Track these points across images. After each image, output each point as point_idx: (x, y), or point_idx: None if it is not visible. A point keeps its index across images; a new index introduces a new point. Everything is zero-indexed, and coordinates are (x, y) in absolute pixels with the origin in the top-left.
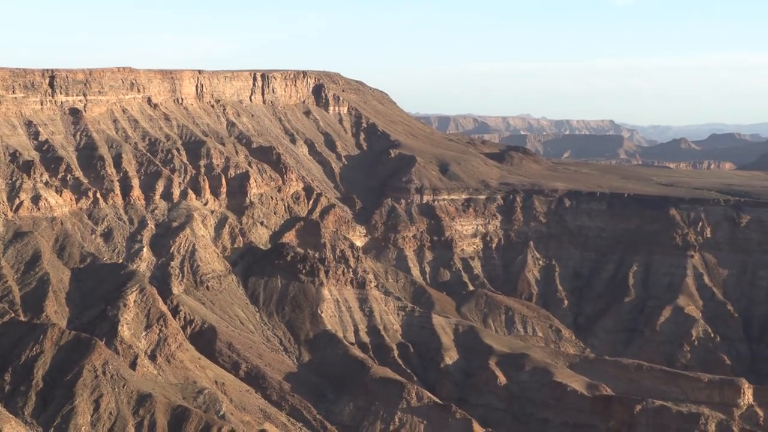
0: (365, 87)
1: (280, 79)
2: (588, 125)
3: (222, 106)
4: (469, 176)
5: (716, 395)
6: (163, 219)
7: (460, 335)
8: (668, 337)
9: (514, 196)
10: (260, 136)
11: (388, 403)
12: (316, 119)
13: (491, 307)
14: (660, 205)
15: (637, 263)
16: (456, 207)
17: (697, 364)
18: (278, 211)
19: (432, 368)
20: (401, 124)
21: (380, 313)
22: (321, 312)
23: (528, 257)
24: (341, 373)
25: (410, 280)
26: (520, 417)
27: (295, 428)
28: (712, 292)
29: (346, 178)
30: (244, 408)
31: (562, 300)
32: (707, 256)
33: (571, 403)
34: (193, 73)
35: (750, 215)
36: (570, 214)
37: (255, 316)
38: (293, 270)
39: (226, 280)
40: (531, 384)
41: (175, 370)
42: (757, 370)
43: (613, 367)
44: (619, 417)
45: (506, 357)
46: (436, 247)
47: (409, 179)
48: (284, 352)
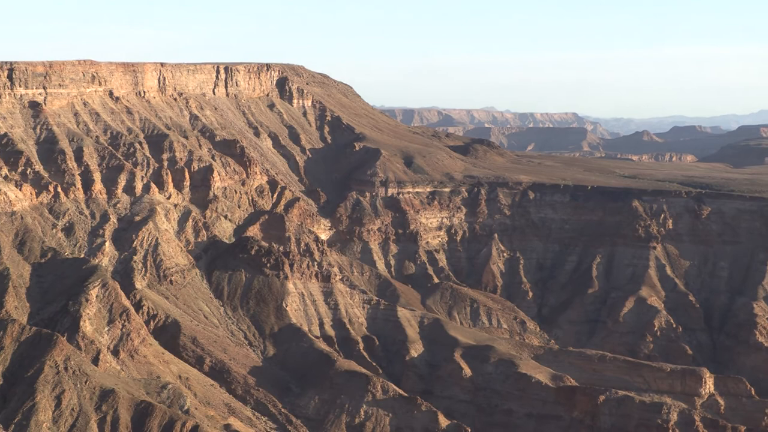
0: (329, 80)
1: (244, 71)
2: (552, 118)
3: (185, 99)
4: (433, 169)
5: (678, 385)
6: (126, 213)
7: (425, 328)
8: (631, 327)
9: (479, 189)
10: (224, 129)
11: (353, 396)
12: (280, 112)
13: (456, 300)
14: (623, 197)
15: (601, 255)
16: (421, 200)
17: (660, 355)
18: (242, 204)
19: (397, 361)
20: (366, 117)
21: (345, 306)
22: (286, 306)
23: (492, 249)
24: (306, 367)
25: (375, 273)
26: (485, 408)
27: (260, 422)
28: (674, 283)
29: (311, 171)
30: (208, 403)
31: (527, 292)
32: (669, 248)
33: (536, 394)
34: (155, 65)
35: (711, 207)
36: (534, 206)
37: (219, 310)
38: (258, 264)
39: (189, 274)
40: (496, 376)
41: (138, 365)
42: (718, 359)
43: (576, 358)
44: (583, 407)
45: (471, 349)
46: (401, 240)
47: (373, 172)
48: (249, 346)
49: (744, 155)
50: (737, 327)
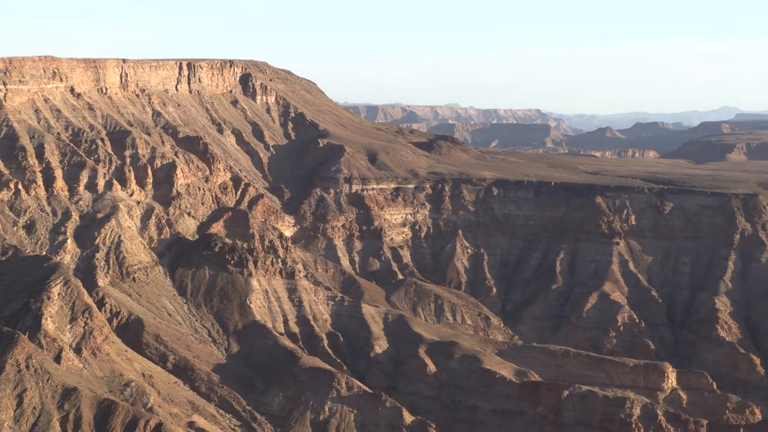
0: (293, 76)
1: (207, 68)
2: (515, 114)
3: (147, 95)
4: (397, 165)
5: (641, 380)
6: (88, 210)
7: (390, 324)
8: (594, 323)
9: (443, 185)
10: (187, 125)
11: (317, 393)
12: (243, 109)
13: (420, 296)
14: (586, 193)
15: (564, 251)
16: (385, 196)
17: (623, 350)
18: (206, 201)
19: (362, 357)
20: (329, 114)
21: (309, 303)
22: (250, 303)
23: (457, 246)
24: (270, 364)
25: (339, 270)
26: (450, 404)
27: (224, 419)
28: (637, 279)
29: (275, 168)
30: (172, 400)
31: (491, 288)
32: (632, 243)
33: (500, 390)
34: (117, 62)
35: (673, 202)
36: (498, 202)
37: (183, 308)
38: (221, 261)
39: (152, 272)
40: (460, 371)
41: (101, 363)
42: (681, 354)
43: (540, 354)
44: (547, 403)
45: (435, 345)
46: (365, 236)
47: (337, 169)
48: (213, 343)
49: (706, 151)
50: (699, 322)
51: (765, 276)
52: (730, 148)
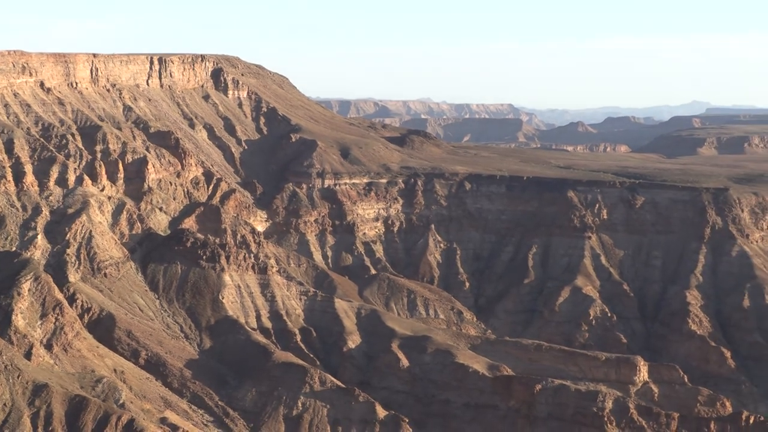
0: (265, 71)
1: (178, 62)
2: (487, 109)
3: (118, 90)
4: (370, 160)
5: (613, 373)
6: (58, 206)
7: (363, 319)
8: (567, 317)
9: (415, 180)
10: (158, 120)
11: (290, 388)
12: (215, 103)
13: (393, 291)
14: (558, 188)
15: (536, 245)
16: (357, 191)
17: (595, 343)
18: (177, 196)
19: (335, 352)
20: (302, 109)
21: (282, 298)
22: (222, 298)
23: (429, 240)
24: (243, 359)
25: (312, 265)
26: (423, 399)
27: (196, 415)
28: (609, 273)
29: (247, 162)
30: (144, 396)
31: (463, 282)
32: (604, 237)
33: (473, 384)
34: (87, 56)
35: (644, 197)
36: (470, 197)
37: (155, 303)
38: (193, 256)
39: (124, 267)
40: (433, 366)
41: (72, 359)
42: (652, 347)
43: (513, 348)
44: (520, 396)
45: (408, 340)
46: (337, 231)
47: (310, 163)
48: (185, 338)
49: (676, 146)
50: (670, 315)
51: (735, 269)
52: (701, 142)
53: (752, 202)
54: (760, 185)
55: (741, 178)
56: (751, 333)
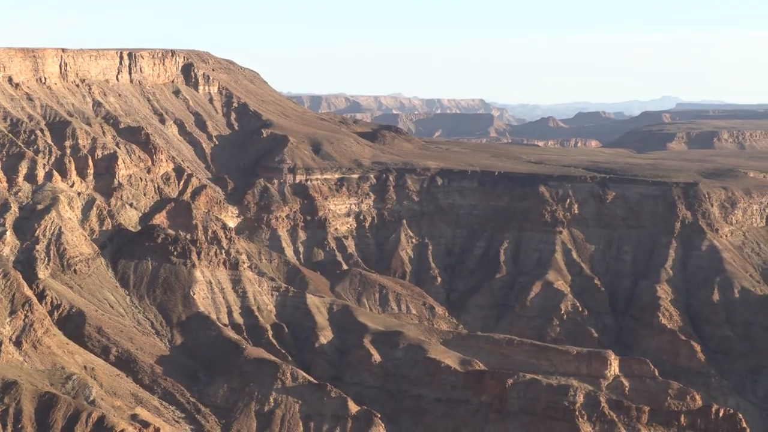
0: (236, 66)
1: (148, 57)
2: (459, 104)
3: (87, 85)
4: (341, 156)
5: (584, 367)
6: (27, 202)
7: (335, 314)
8: (538, 311)
9: (387, 175)
10: (128, 116)
11: (262, 384)
12: (185, 99)
13: (365, 286)
14: (529, 183)
15: (508, 240)
16: (329, 186)
17: (566, 338)
18: (148, 192)
19: (307, 348)
20: (273, 104)
21: (254, 293)
22: (193, 294)
23: (401, 235)
24: (215, 355)
25: (284, 261)
26: (395, 394)
27: (168, 411)
28: (580, 267)
29: (218, 158)
30: (114, 393)
31: (435, 277)
32: (575, 232)
33: (445, 379)
34: (56, 51)
35: (615, 191)
36: (442, 192)
37: (125, 300)
38: (164, 252)
39: (94, 263)
40: (405, 361)
41: (42, 356)
42: (623, 341)
43: (485, 343)
44: (492, 391)
45: (380, 335)
46: (309, 226)
47: (281, 159)
48: (156, 335)
49: (647, 141)
50: (641, 310)
51: (705, 264)
52: (671, 137)
53: (721, 196)
54: (729, 180)
55: (710, 173)
56: (721, 327)
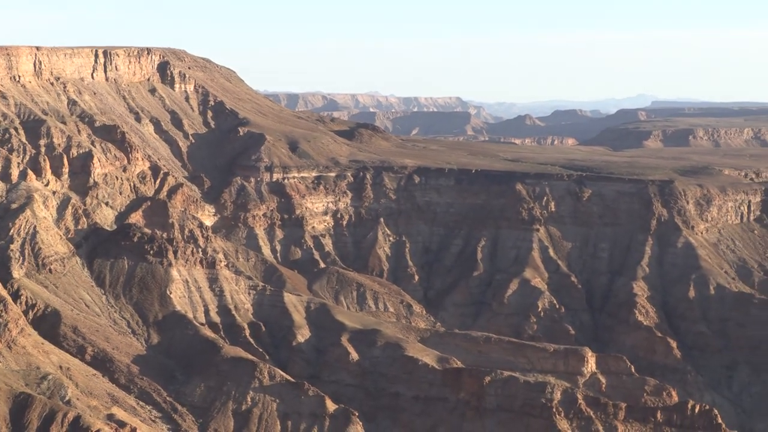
0: (212, 64)
1: (123, 56)
2: (436, 102)
3: (62, 83)
4: (318, 154)
5: (561, 364)
6: (2, 201)
7: (312, 313)
8: (515, 309)
9: (364, 174)
10: (103, 114)
11: (239, 383)
12: (161, 97)
13: (343, 284)
14: (506, 181)
15: (485, 237)
16: (306, 185)
17: (543, 335)
18: (124, 191)
19: (284, 346)
20: (249, 102)
21: (231, 292)
22: (170, 293)
23: (378, 234)
24: (192, 354)
25: (261, 259)
26: (373, 392)
27: (144, 411)
28: (557, 265)
29: (194, 156)
30: (90, 393)
31: (413, 275)
32: (552, 230)
33: (422, 377)
34: (30, 49)
35: (591, 189)
36: (419, 190)
37: (101, 299)
38: (140, 251)
39: (69, 263)
40: (383, 359)
41: (16, 356)
42: (600, 338)
43: (462, 340)
44: (469, 389)
45: (358, 333)
46: (286, 225)
47: (258, 157)
48: (132, 334)
49: (623, 138)
50: (617, 306)
51: (681, 261)
52: (647, 135)
53: (697, 194)
54: (704, 177)
55: (686, 171)
56: (697, 323)
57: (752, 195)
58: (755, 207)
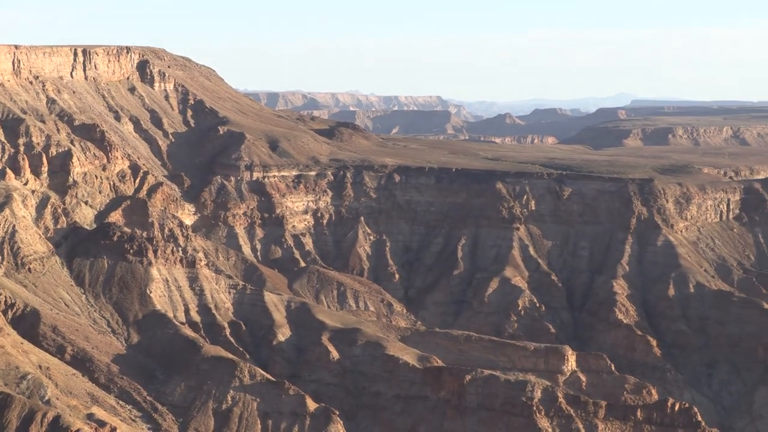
0: (192, 63)
1: (103, 54)
2: (416, 101)
3: (41, 82)
4: (299, 153)
5: (542, 363)
6: None
7: (293, 312)
8: (496, 307)
9: (345, 172)
10: (83, 113)
11: (220, 382)
12: (141, 96)
13: (323, 283)
14: (486, 179)
15: (466, 236)
16: (286, 184)
17: (524, 334)
18: (103, 190)
19: (264, 346)
20: (229, 101)
21: (211, 291)
22: (150, 292)
23: (359, 232)
24: (172, 354)
25: (241, 258)
26: (353, 391)
27: (124, 410)
28: (537, 263)
29: (174, 155)
30: (70, 392)
31: (393, 274)
32: (532, 228)
33: (403, 376)
34: (9, 48)
35: (571, 188)
36: (399, 189)
37: (81, 298)
38: (120, 250)
39: (49, 262)
40: (363, 358)
41: None
42: (580, 337)
43: (443, 339)
44: (450, 387)
45: (339, 332)
46: (266, 224)
47: (238, 156)
48: (112, 333)
49: (603, 137)
50: (597, 305)
51: (661, 259)
52: (627, 133)
53: (677, 192)
54: (684, 176)
55: (666, 169)
56: (676, 321)
57: (731, 193)
58: (734, 205)
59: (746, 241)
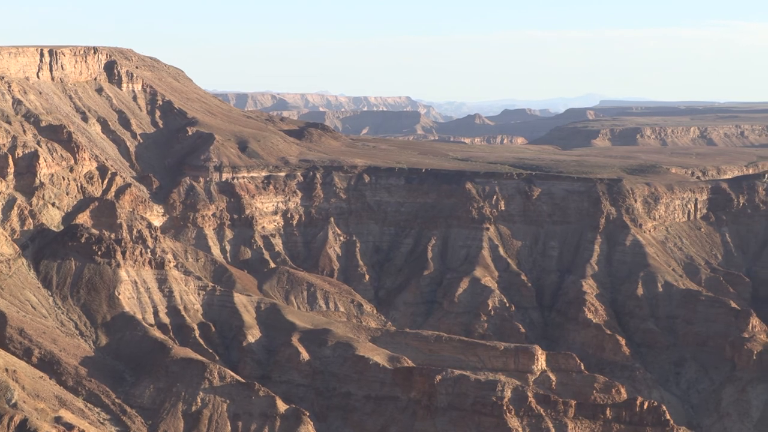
0: (160, 63)
1: (70, 55)
2: (386, 102)
3: (7, 83)
4: (268, 153)
5: (512, 362)
6: None
7: (262, 313)
8: (466, 308)
9: (314, 173)
10: (49, 114)
11: (189, 384)
12: (108, 96)
13: (293, 284)
14: (456, 180)
15: (436, 237)
16: (256, 184)
17: (494, 333)
18: (71, 191)
19: (234, 347)
20: (198, 102)
21: (180, 293)
22: (118, 294)
23: (329, 233)
24: (140, 356)
25: (210, 259)
26: (324, 392)
27: (92, 413)
28: (507, 263)
29: (142, 156)
30: (37, 395)
31: (363, 275)
32: (502, 228)
33: (373, 376)
34: None
35: (541, 188)
36: (369, 189)
37: (48, 300)
38: (88, 252)
39: (15, 264)
40: (333, 359)
41: None
42: (550, 336)
43: (413, 339)
44: (420, 388)
45: (309, 333)
46: (236, 225)
47: (207, 157)
48: (80, 336)
49: (572, 137)
50: (567, 304)
51: (629, 259)
52: (595, 134)
53: (645, 192)
54: (652, 176)
55: (634, 169)
56: (645, 320)
57: (699, 193)
58: (702, 205)
59: (714, 240)
